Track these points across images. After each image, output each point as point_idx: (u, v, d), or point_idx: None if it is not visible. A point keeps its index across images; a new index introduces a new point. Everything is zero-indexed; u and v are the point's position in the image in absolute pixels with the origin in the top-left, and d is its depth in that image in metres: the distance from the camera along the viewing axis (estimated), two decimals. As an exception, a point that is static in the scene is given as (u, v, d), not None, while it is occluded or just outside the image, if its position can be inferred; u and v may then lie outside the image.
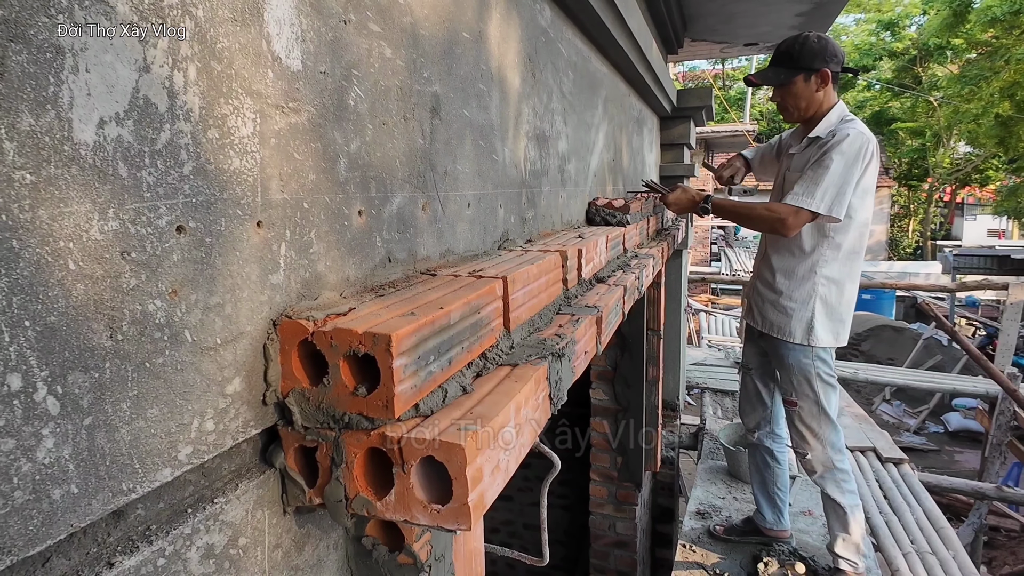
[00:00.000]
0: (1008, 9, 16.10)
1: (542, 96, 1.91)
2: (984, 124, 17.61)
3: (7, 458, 0.49)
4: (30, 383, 0.51)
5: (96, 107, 0.56)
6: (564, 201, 2.21)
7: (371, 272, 1.02)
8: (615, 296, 1.71)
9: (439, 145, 1.25)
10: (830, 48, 2.78)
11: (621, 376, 4.11)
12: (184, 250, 0.65)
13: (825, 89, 2.82)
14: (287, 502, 0.81)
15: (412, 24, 1.13)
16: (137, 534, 0.63)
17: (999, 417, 7.17)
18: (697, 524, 3.70)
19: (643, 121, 4.29)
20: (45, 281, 0.52)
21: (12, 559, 0.50)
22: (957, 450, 10.50)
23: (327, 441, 0.77)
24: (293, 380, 0.78)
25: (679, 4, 4.80)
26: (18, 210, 0.50)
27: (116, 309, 0.58)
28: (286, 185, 0.81)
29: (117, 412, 0.58)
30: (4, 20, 0.49)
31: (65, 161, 0.54)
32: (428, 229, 1.22)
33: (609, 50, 2.81)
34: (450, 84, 1.29)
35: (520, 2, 1.69)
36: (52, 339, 0.53)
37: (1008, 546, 7.53)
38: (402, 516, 0.74)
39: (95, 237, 0.56)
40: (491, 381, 0.95)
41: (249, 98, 0.74)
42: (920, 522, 4.21)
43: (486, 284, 1.02)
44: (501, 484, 0.83)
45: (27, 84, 0.50)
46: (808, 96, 2.84)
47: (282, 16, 0.80)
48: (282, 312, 0.80)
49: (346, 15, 0.93)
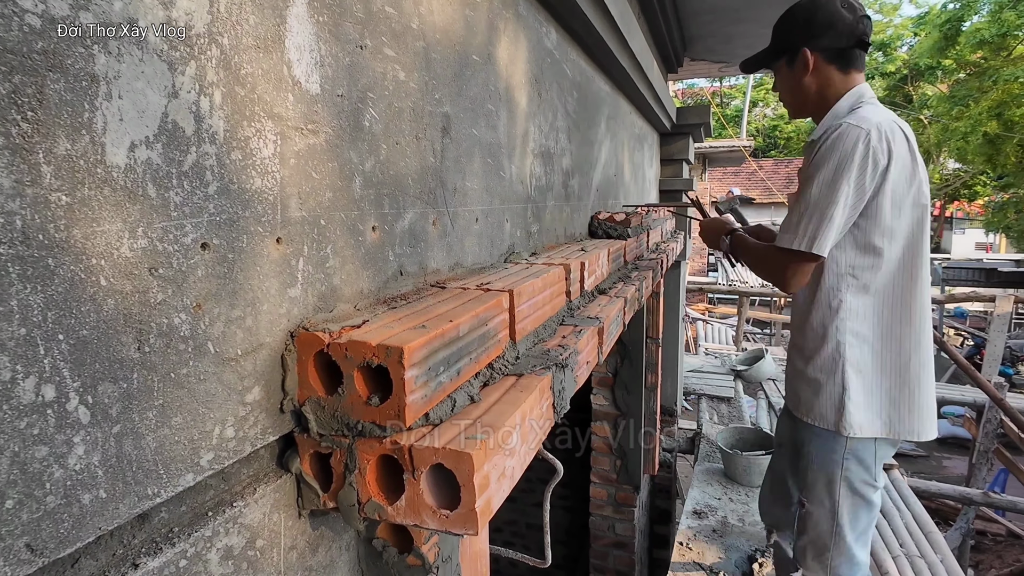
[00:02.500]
0: (996, 32, 16.10)
1: (547, 115, 1.92)
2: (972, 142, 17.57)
3: (40, 465, 0.50)
4: (63, 393, 0.52)
5: (128, 131, 0.57)
6: (568, 215, 2.21)
7: (384, 285, 1.03)
8: (616, 307, 1.71)
9: (449, 163, 1.26)
10: (820, 18, 1.98)
11: (621, 382, 4.11)
12: (208, 266, 0.66)
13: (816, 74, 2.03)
14: (302, 505, 0.81)
15: (425, 48, 1.14)
16: (160, 536, 0.63)
17: (986, 425, 7.14)
18: (694, 523, 3.69)
19: (644, 137, 4.30)
20: (78, 297, 0.53)
21: (44, 560, 0.51)
22: (945, 456, 10.45)
23: (341, 448, 0.77)
24: (309, 389, 0.78)
25: (679, 26, 4.82)
26: (54, 230, 0.51)
27: (144, 323, 0.59)
28: (304, 203, 0.82)
29: (144, 420, 0.59)
30: (43, 51, 0.50)
31: (98, 183, 0.54)
32: (438, 243, 1.22)
33: (612, 70, 2.82)
34: (460, 104, 1.30)
35: (528, 25, 1.70)
36: (84, 352, 0.53)
37: (995, 550, 7.48)
38: (412, 520, 0.75)
39: (125, 254, 0.57)
40: (498, 391, 0.96)
41: (270, 121, 0.75)
42: (909, 526, 4.19)
43: (493, 297, 1.03)
44: (507, 490, 0.83)
45: (64, 111, 0.51)
46: (794, 85, 2.09)
47: (302, 42, 0.81)
48: (299, 324, 0.81)
49: (362, 40, 0.94)
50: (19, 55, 0.48)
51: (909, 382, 1.95)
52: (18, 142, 0.48)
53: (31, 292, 0.49)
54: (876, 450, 2.00)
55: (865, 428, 1.96)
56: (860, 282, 1.94)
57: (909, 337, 1.94)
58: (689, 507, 3.90)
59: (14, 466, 0.48)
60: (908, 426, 1.96)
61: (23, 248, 0.49)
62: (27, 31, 0.49)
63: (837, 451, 2.01)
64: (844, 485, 2.02)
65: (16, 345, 0.48)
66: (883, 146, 1.82)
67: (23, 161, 0.48)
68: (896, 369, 1.95)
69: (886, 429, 1.96)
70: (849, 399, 1.96)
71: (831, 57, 2.01)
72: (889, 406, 1.96)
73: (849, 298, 1.96)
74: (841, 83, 2.03)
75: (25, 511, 0.49)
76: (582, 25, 2.10)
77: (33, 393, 0.50)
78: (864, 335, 1.96)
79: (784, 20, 2.10)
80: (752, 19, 4.67)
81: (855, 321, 1.96)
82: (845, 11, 1.97)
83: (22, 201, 0.49)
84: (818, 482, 2.07)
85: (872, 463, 2.00)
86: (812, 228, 1.85)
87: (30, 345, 0.49)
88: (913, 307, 1.93)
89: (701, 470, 4.44)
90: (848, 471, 2.01)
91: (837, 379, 1.99)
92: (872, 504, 2.05)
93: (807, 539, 2.15)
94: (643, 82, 3.26)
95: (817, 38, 2.00)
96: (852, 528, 2.05)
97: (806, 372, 2.09)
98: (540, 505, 2.79)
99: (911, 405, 1.95)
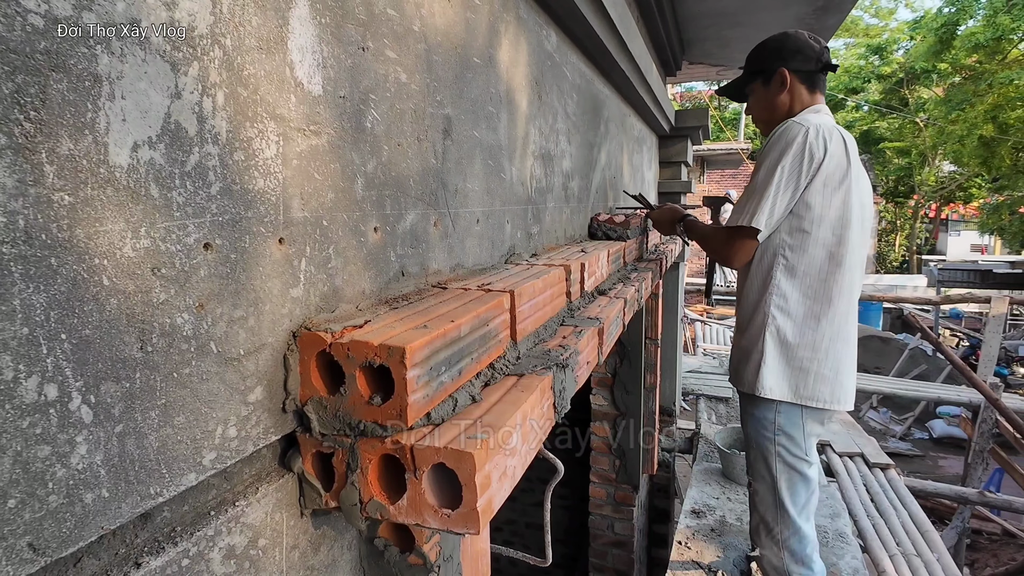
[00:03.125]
0: (991, 36, 16.10)
1: (548, 117, 1.92)
2: (968, 145, 17.57)
3: (43, 464, 0.50)
4: (65, 393, 0.51)
5: (130, 132, 0.57)
6: (568, 217, 2.21)
7: (385, 285, 1.02)
8: (616, 308, 1.71)
9: (450, 164, 1.25)
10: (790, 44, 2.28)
11: (620, 382, 4.10)
12: (211, 266, 0.66)
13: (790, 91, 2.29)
14: (304, 505, 0.81)
15: (426, 50, 1.13)
16: (163, 535, 0.63)
17: (981, 425, 7.14)
18: (692, 522, 3.68)
19: (643, 140, 4.30)
20: (81, 296, 0.52)
21: (46, 560, 0.50)
22: (941, 456, 10.44)
23: (343, 447, 0.77)
24: (311, 389, 0.78)
25: (678, 29, 4.82)
26: (56, 230, 0.50)
27: (146, 322, 0.59)
28: (307, 204, 0.81)
29: (146, 420, 0.59)
30: (46, 51, 0.49)
31: (101, 183, 0.54)
32: (439, 244, 1.22)
33: (611, 73, 2.81)
34: (461, 107, 1.29)
35: (528, 28, 1.70)
36: (86, 351, 0.53)
37: (990, 549, 7.48)
38: (414, 520, 0.74)
39: (128, 254, 0.57)
40: (499, 390, 0.95)
41: (273, 122, 0.75)
42: (906, 525, 4.18)
43: (494, 298, 1.02)
44: (508, 489, 0.83)
45: (67, 111, 0.51)
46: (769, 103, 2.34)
47: (305, 44, 0.81)
48: (302, 324, 0.80)
49: (364, 42, 0.94)
50: (22, 55, 0.48)
51: (818, 355, 2.16)
52: (21, 142, 0.48)
53: (34, 292, 0.49)
54: (803, 425, 2.20)
55: (775, 391, 2.19)
56: (789, 263, 2.17)
57: (827, 315, 2.16)
58: (688, 506, 3.89)
59: (16, 465, 0.48)
60: (813, 392, 2.17)
61: (26, 248, 0.48)
62: (30, 31, 0.48)
63: (768, 427, 2.23)
64: (779, 460, 2.23)
65: (19, 345, 0.48)
66: (819, 142, 2.07)
67: (26, 161, 0.48)
68: (811, 343, 2.17)
69: (792, 394, 2.18)
70: (764, 364, 2.20)
71: (802, 78, 2.30)
72: (797, 374, 2.18)
73: (778, 275, 2.19)
74: (808, 101, 2.31)
75: (27, 510, 0.49)
76: (582, 28, 2.10)
77: (36, 392, 0.49)
78: (787, 310, 2.18)
79: (759, 49, 2.38)
80: (749, 24, 4.67)
81: (780, 297, 2.19)
82: (812, 41, 2.30)
83: (25, 201, 0.48)
84: (757, 459, 2.30)
85: (801, 437, 2.21)
86: (752, 206, 2.11)
87: (33, 345, 0.49)
88: (834, 290, 2.15)
89: (699, 470, 4.43)
90: (780, 446, 2.22)
91: (759, 347, 2.23)
92: (808, 478, 2.24)
93: (757, 517, 2.36)
94: (642, 85, 3.26)
95: (789, 61, 2.28)
96: (793, 503, 2.24)
97: (740, 343, 2.34)
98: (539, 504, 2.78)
99: (819, 374, 2.16)
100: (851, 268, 2.16)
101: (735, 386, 2.38)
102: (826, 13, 4.42)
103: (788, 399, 2.18)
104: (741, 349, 2.33)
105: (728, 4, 4.34)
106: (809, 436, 2.21)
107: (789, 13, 4.42)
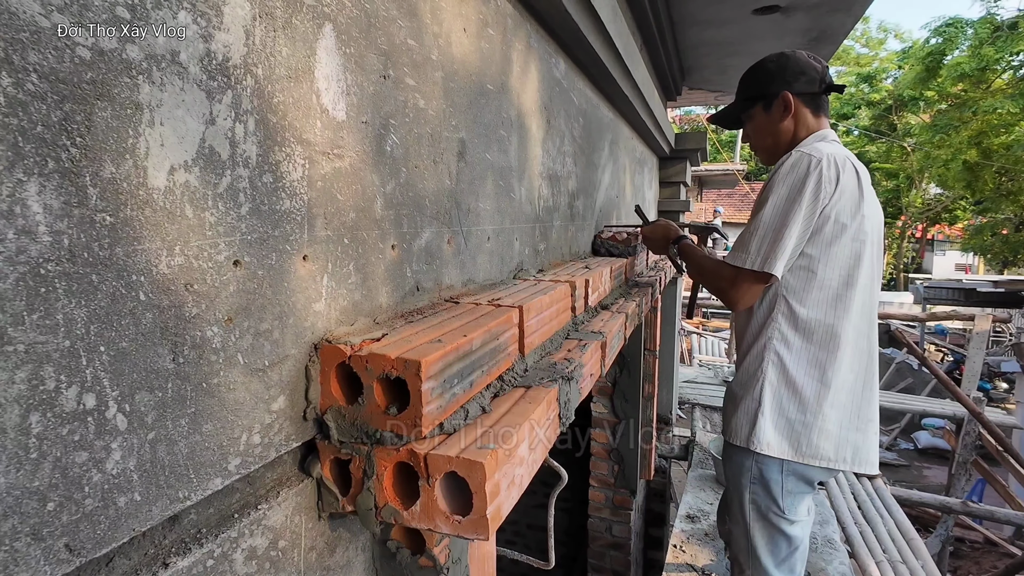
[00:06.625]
0: (976, 66, 16.07)
1: (555, 140, 1.92)
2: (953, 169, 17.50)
3: (80, 469, 0.50)
4: (103, 402, 0.52)
5: (168, 156, 0.57)
6: (573, 234, 2.21)
7: (401, 300, 1.02)
8: (618, 322, 1.71)
9: (464, 185, 1.26)
10: (792, 66, 1.99)
11: (620, 391, 4.09)
12: (239, 282, 0.66)
13: (794, 116, 2.00)
14: (322, 508, 0.81)
15: (443, 78, 1.14)
16: (190, 537, 0.63)
17: (965, 437, 7.09)
18: (687, 527, 3.66)
19: (644, 161, 4.31)
20: (119, 311, 0.53)
21: (81, 560, 0.51)
22: (926, 466, 10.38)
23: (360, 455, 0.77)
24: (331, 398, 0.78)
25: (679, 57, 4.84)
26: (98, 248, 0.51)
27: (179, 335, 0.59)
28: (330, 223, 0.82)
29: (177, 427, 0.59)
30: (92, 80, 0.50)
31: (140, 204, 0.55)
32: (452, 261, 1.22)
33: (615, 98, 2.82)
34: (475, 130, 1.30)
35: (538, 57, 1.71)
36: (123, 362, 0.53)
37: (972, 556, 7.42)
38: (426, 525, 0.74)
39: (163, 271, 0.57)
40: (507, 402, 0.95)
41: (299, 146, 0.76)
42: (892, 532, 4.15)
43: (504, 313, 1.03)
44: (516, 497, 0.83)
45: (110, 137, 0.52)
46: (772, 128, 2.05)
47: (330, 73, 0.81)
48: (323, 337, 0.81)
49: (386, 71, 0.95)
50: (70, 84, 0.48)
51: (824, 409, 1.86)
52: (67, 166, 0.48)
53: (75, 306, 0.49)
54: (783, 481, 1.91)
55: (773, 447, 1.89)
56: (792, 305, 1.88)
57: (832, 364, 1.86)
58: (683, 511, 3.87)
59: (56, 470, 0.48)
60: (815, 450, 1.86)
61: (69, 265, 0.49)
62: (78, 62, 0.49)
63: (744, 474, 1.96)
64: (752, 508, 1.96)
65: (60, 356, 0.48)
66: (831, 174, 1.78)
67: (71, 184, 0.49)
68: (815, 395, 1.86)
69: (792, 451, 1.87)
70: (762, 414, 1.90)
71: (806, 101, 2.01)
72: (799, 428, 1.87)
73: (780, 319, 1.90)
74: (813, 125, 2.02)
75: (65, 513, 0.49)
76: (588, 56, 2.11)
77: (75, 401, 0.50)
78: (787, 357, 1.89)
79: (756, 71, 2.08)
80: (746, 52, 4.68)
81: (781, 343, 1.89)
82: (813, 61, 2.01)
83: (69, 221, 0.49)
84: (733, 501, 2.03)
85: (778, 492, 1.91)
86: (766, 249, 1.79)
87: (73, 356, 0.49)
88: (842, 337, 1.85)
89: (694, 476, 4.41)
90: (754, 494, 1.94)
91: (755, 394, 1.92)
92: (790, 536, 1.95)
93: (732, 553, 2.12)
94: (644, 110, 3.27)
95: (792, 83, 1.99)
96: (771, 555, 1.97)
97: (731, 387, 2.04)
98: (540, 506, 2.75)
99: (823, 429, 1.86)
100: (860, 312, 1.88)
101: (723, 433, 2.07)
102: (820, 43, 4.43)
103: (789, 457, 1.88)
104: (731, 394, 2.05)
105: (727, 34, 4.36)
106: (788, 493, 1.91)
107: (784, 43, 4.43)
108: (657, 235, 2.34)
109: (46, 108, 0.47)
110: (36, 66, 0.46)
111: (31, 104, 0.46)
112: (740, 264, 1.83)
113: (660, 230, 2.34)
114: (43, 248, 0.47)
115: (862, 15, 3.90)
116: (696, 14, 3.97)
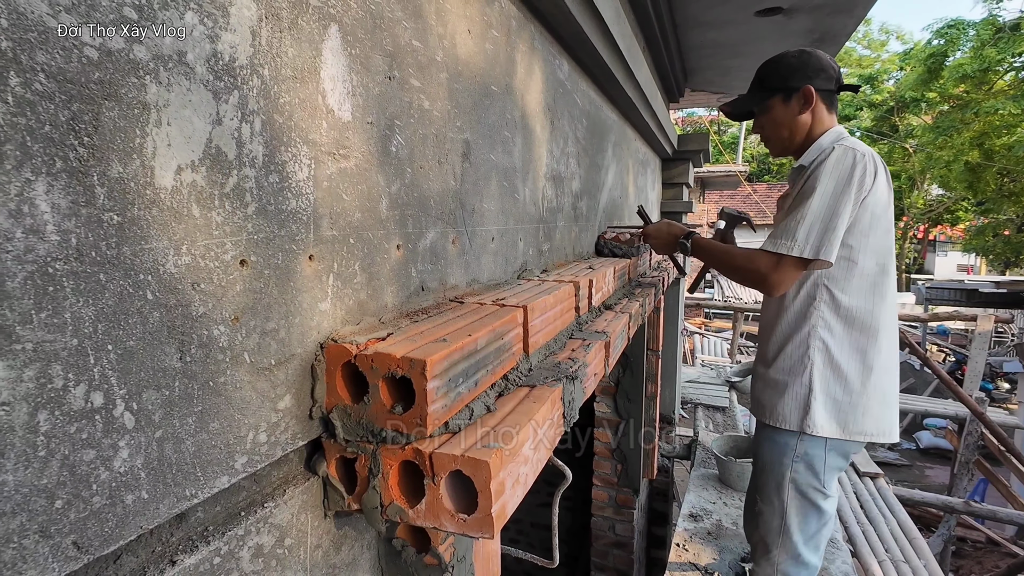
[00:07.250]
0: (978, 67, 16.02)
1: (559, 141, 1.92)
2: (955, 170, 17.44)
3: (88, 467, 0.50)
4: (110, 400, 0.52)
5: (175, 156, 0.57)
6: (576, 235, 2.21)
7: (406, 299, 1.02)
8: (621, 322, 1.70)
9: (468, 186, 1.26)
10: (814, 62, 2.05)
11: (623, 391, 4.08)
12: (246, 281, 0.66)
13: (812, 110, 2.06)
14: (328, 507, 0.81)
15: (448, 79, 1.14)
16: (197, 535, 0.63)
17: (967, 437, 7.07)
18: (690, 526, 3.65)
19: (647, 162, 4.30)
20: (126, 310, 0.53)
21: (89, 558, 0.50)
22: (928, 466, 10.34)
23: (366, 453, 0.77)
24: (336, 397, 0.78)
25: (681, 58, 4.83)
26: (105, 247, 0.51)
27: (186, 334, 0.59)
28: (335, 223, 0.82)
29: (184, 426, 0.59)
30: (100, 81, 0.50)
31: (147, 204, 0.55)
32: (457, 261, 1.22)
33: (619, 100, 2.82)
34: (479, 131, 1.30)
35: (542, 58, 1.71)
36: (130, 361, 0.53)
37: (975, 556, 7.38)
38: (432, 523, 0.74)
39: (170, 270, 0.57)
40: (512, 401, 0.95)
41: (305, 146, 0.76)
42: (894, 532, 4.14)
43: (508, 312, 1.02)
44: (521, 495, 0.82)
45: (117, 137, 0.52)
46: (790, 121, 2.10)
47: (336, 74, 0.81)
48: (328, 336, 0.81)
49: (391, 72, 0.95)
50: (78, 84, 0.48)
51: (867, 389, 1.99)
52: (75, 165, 0.48)
53: (83, 305, 0.49)
54: (826, 457, 2.03)
55: (825, 428, 2.00)
56: (834, 293, 1.98)
57: (872, 347, 1.98)
58: (685, 510, 3.86)
59: (64, 468, 0.48)
60: (860, 428, 1.99)
61: (77, 264, 0.49)
62: (86, 62, 0.49)
63: (788, 454, 2.05)
64: (792, 487, 2.06)
65: (68, 355, 0.48)
66: (872, 169, 1.89)
67: (79, 183, 0.49)
68: (859, 377, 1.99)
69: (841, 430, 2.00)
70: (815, 399, 2.00)
71: (823, 97, 2.08)
72: (847, 409, 1.99)
73: (823, 308, 2.00)
74: (827, 121, 2.10)
75: (73, 511, 0.49)
76: (592, 58, 2.11)
77: (83, 400, 0.49)
78: (832, 343, 1.99)
79: (777, 64, 2.12)
80: (749, 54, 4.67)
81: (826, 330, 2.00)
82: (830, 60, 2.09)
83: (77, 220, 0.49)
84: (769, 484, 2.12)
85: (821, 468, 2.04)
86: (816, 237, 1.83)
87: (81, 355, 0.49)
88: (880, 322, 1.98)
89: (697, 475, 4.40)
90: (796, 473, 2.05)
91: (804, 380, 2.02)
92: (822, 511, 2.08)
93: (759, 535, 2.20)
94: (647, 111, 3.26)
95: (814, 78, 2.05)
96: (801, 531, 2.08)
97: (768, 374, 2.12)
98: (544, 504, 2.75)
99: (866, 408, 1.99)
100: (892, 299, 2.01)
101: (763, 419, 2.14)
102: (822, 44, 4.41)
103: (838, 436, 2.00)
104: (772, 381, 2.10)
105: (729, 36, 4.35)
106: (830, 469, 2.04)
107: (787, 45, 4.41)
108: (661, 233, 2.33)
109: (54, 108, 0.47)
110: (44, 66, 0.46)
111: (39, 104, 0.46)
112: (785, 251, 1.87)
113: (664, 228, 2.34)
114: (51, 247, 0.47)
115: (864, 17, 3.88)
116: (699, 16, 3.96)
